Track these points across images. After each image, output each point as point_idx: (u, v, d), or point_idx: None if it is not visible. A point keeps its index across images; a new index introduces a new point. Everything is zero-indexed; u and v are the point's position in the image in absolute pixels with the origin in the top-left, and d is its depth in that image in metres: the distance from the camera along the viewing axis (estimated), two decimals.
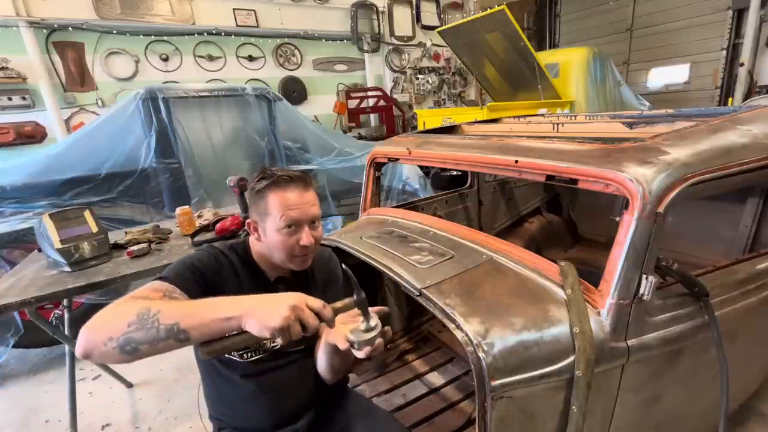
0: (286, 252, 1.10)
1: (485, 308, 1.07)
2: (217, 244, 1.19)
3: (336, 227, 3.82)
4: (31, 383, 2.64)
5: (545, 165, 1.25)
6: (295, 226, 1.09)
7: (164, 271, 1.05)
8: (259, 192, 1.11)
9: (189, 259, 1.10)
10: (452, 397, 1.95)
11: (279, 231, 1.08)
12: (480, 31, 4.70)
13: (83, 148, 2.93)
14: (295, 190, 1.10)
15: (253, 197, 1.14)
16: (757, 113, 1.47)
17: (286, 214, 1.07)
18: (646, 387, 1.18)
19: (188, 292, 0.99)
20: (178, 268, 1.06)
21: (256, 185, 1.12)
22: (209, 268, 1.09)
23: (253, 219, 1.14)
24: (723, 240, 2.31)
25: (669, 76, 7.23)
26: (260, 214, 1.11)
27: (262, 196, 1.10)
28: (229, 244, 1.22)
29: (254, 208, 1.14)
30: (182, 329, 0.79)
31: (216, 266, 1.12)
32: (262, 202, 1.10)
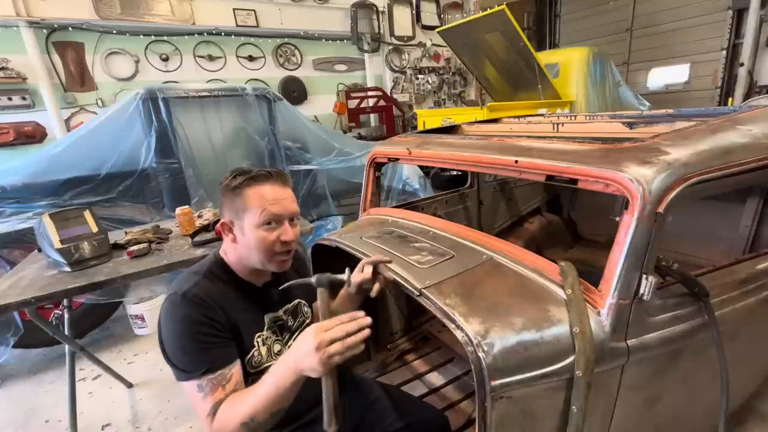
0: (266, 251, 1.05)
1: (485, 308, 1.07)
2: (186, 291, 1.01)
3: (336, 227, 3.82)
4: (31, 383, 2.65)
5: (545, 165, 1.25)
6: (275, 222, 1.05)
7: (185, 364, 0.96)
8: (235, 188, 1.05)
9: (188, 335, 0.97)
10: (452, 397, 1.95)
11: (259, 227, 1.04)
12: (480, 31, 4.70)
13: (83, 148, 2.92)
14: (275, 185, 1.07)
15: (227, 195, 1.07)
16: (757, 113, 1.47)
17: (266, 209, 1.03)
18: (647, 387, 1.18)
19: (227, 352, 1.00)
20: (194, 353, 0.96)
21: (232, 182, 1.06)
22: (209, 319, 1.00)
23: (228, 219, 1.08)
24: (723, 240, 2.31)
25: (669, 76, 7.23)
26: (237, 211, 1.06)
27: (239, 193, 1.05)
28: (201, 274, 1.07)
29: (229, 207, 1.07)
30: (275, 412, 0.93)
31: (209, 311, 1.01)
32: (238, 199, 1.05)
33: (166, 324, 1.00)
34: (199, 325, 0.98)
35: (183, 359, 0.97)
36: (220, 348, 0.99)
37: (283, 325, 1.21)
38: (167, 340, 0.99)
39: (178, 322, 0.98)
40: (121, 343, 3.04)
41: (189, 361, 0.97)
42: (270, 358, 1.14)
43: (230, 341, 1.03)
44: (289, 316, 1.24)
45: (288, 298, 1.25)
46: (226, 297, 1.07)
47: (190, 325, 0.98)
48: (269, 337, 1.15)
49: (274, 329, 1.18)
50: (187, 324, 0.98)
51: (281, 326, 1.21)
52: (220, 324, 1.01)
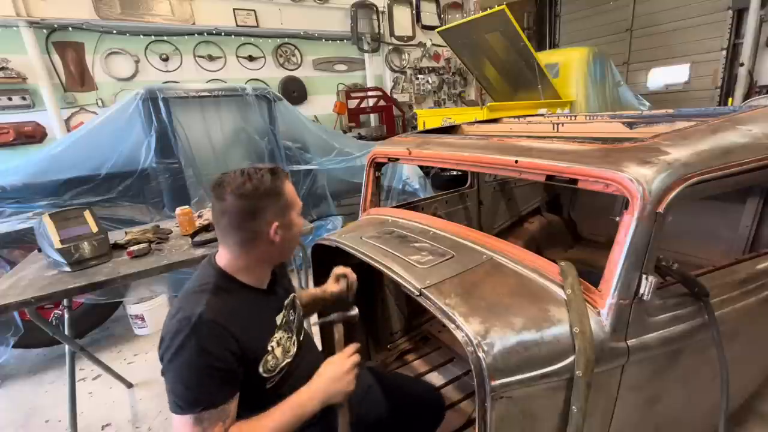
0: (299, 236, 1.15)
1: (485, 308, 1.07)
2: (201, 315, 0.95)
3: (336, 227, 3.82)
4: (31, 383, 2.65)
5: (545, 165, 1.25)
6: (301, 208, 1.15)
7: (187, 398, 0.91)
8: (278, 187, 1.05)
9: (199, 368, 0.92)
10: (452, 397, 1.95)
11: (299, 216, 1.12)
12: (480, 31, 4.70)
13: (83, 148, 2.92)
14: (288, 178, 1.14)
15: (268, 199, 1.03)
16: (757, 113, 1.47)
17: (298, 200, 1.12)
18: (646, 387, 1.18)
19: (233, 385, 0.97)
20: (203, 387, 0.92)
21: (273, 182, 1.04)
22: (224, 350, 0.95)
23: (278, 221, 1.05)
24: (723, 240, 2.31)
25: (669, 76, 7.23)
26: (282, 210, 1.06)
27: (279, 191, 1.06)
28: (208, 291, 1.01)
29: (273, 210, 1.04)
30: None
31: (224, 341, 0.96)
32: (281, 198, 1.06)
33: (178, 353, 0.92)
34: (215, 360, 0.93)
35: (186, 393, 0.92)
36: (227, 382, 0.96)
37: (289, 321, 1.21)
38: (175, 368, 0.93)
39: (192, 356, 0.91)
40: (121, 343, 3.04)
41: (194, 395, 0.92)
42: (286, 358, 1.12)
43: (237, 370, 0.98)
44: (290, 310, 1.24)
45: (287, 293, 1.25)
46: (236, 312, 1.02)
47: (205, 358, 0.92)
48: (282, 336, 1.14)
49: (285, 327, 1.17)
50: (203, 358, 0.92)
51: (289, 322, 1.21)
52: (232, 354, 0.96)
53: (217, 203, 1.04)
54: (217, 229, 1.07)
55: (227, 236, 1.06)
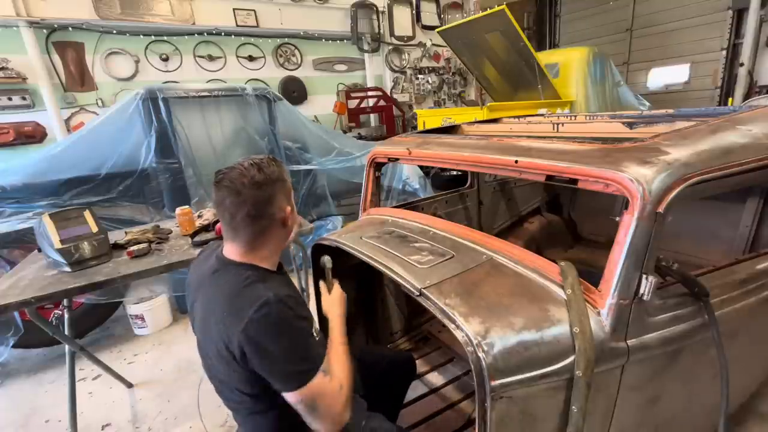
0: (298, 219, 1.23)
1: (485, 308, 1.07)
2: (275, 296, 0.99)
3: (336, 227, 3.82)
4: (31, 383, 2.65)
5: (545, 165, 1.25)
6: None
7: (311, 361, 1.01)
8: (281, 174, 1.11)
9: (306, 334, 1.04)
10: (452, 397, 1.95)
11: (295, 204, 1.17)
12: (480, 31, 4.70)
13: (83, 148, 2.92)
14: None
15: (281, 184, 1.11)
16: (757, 113, 1.47)
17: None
18: (647, 387, 1.18)
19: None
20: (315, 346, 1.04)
21: (280, 169, 1.12)
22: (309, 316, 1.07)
23: (289, 206, 1.14)
24: (723, 240, 2.31)
25: (669, 76, 7.24)
26: (288, 193, 1.14)
27: (285, 177, 1.13)
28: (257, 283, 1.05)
29: (283, 196, 1.12)
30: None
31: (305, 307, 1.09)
32: (286, 183, 1.13)
33: (277, 332, 0.96)
34: (307, 322, 1.04)
35: (306, 357, 1.00)
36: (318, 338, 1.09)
37: None
38: (283, 346, 0.97)
39: (292, 326, 0.99)
40: (121, 343, 3.04)
41: (312, 355, 1.02)
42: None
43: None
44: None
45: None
46: (283, 290, 1.07)
47: (301, 322, 1.02)
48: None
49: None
50: (299, 323, 1.01)
51: None
52: (310, 317, 1.07)
53: (229, 198, 1.04)
54: (229, 225, 1.08)
55: (244, 229, 1.07)
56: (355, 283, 2.05)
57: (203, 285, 1.14)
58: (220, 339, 1.01)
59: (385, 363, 1.58)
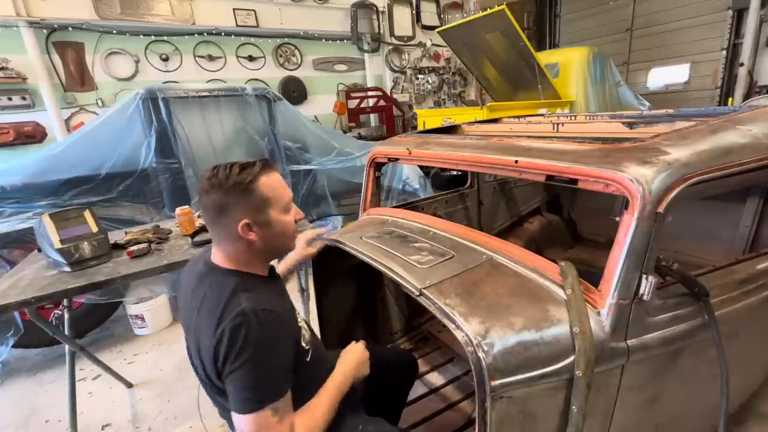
0: (290, 233, 1.12)
1: (485, 308, 1.07)
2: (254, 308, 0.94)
3: (336, 227, 3.82)
4: (31, 383, 2.65)
5: (545, 165, 1.25)
6: (290, 204, 1.12)
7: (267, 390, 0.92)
8: (250, 184, 1.00)
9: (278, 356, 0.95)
10: (452, 397, 1.95)
11: (282, 213, 1.08)
12: (480, 31, 4.70)
13: (83, 148, 2.92)
14: (275, 171, 1.09)
15: (238, 194, 1.00)
16: (757, 113, 1.47)
17: (285, 195, 1.09)
18: (646, 387, 1.18)
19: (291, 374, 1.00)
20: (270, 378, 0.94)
21: (240, 178, 0.99)
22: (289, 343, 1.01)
23: (248, 219, 1.01)
24: (723, 240, 2.31)
25: (669, 76, 7.24)
26: (257, 207, 1.02)
27: (254, 189, 1.00)
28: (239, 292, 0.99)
29: (244, 207, 1.01)
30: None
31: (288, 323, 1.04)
32: (255, 195, 1.01)
33: (244, 349, 0.90)
34: (280, 344, 0.96)
35: (262, 385, 0.92)
36: (290, 366, 0.99)
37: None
38: (246, 364, 0.90)
39: (260, 346, 0.92)
40: (121, 343, 3.04)
41: (270, 384, 0.92)
42: (307, 330, 1.19)
43: (292, 351, 1.02)
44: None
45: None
46: (269, 298, 1.03)
47: (273, 344, 0.94)
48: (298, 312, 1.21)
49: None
50: (270, 345, 0.93)
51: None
52: (289, 335, 1.02)
53: (201, 199, 1.05)
54: (209, 228, 1.08)
55: (217, 233, 1.06)
56: (355, 283, 2.05)
57: (189, 288, 1.12)
58: (195, 344, 1.02)
59: (386, 363, 1.54)
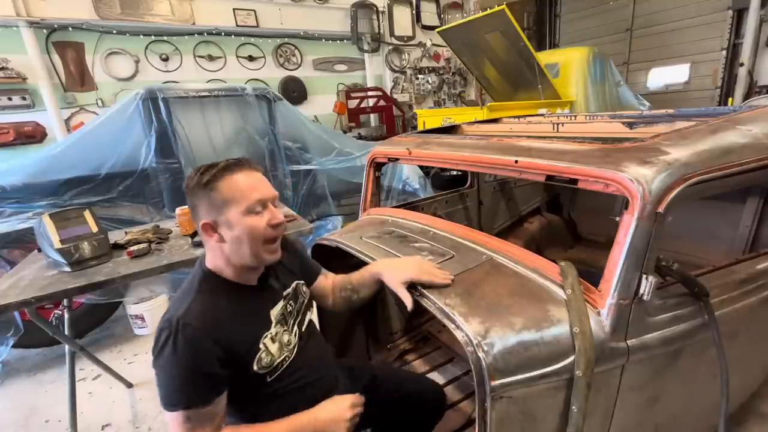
0: (257, 239, 1.01)
1: (485, 308, 1.07)
2: (181, 319, 0.94)
3: (336, 227, 3.82)
4: (31, 383, 2.65)
5: (545, 165, 1.25)
6: (261, 206, 1.02)
7: (174, 397, 0.92)
8: (209, 183, 0.99)
9: (183, 372, 0.93)
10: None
11: (247, 215, 1.00)
12: (480, 31, 4.70)
13: (83, 148, 2.92)
14: (246, 171, 1.03)
15: (200, 194, 1.00)
16: (757, 113, 1.47)
17: (251, 196, 1.00)
18: (647, 387, 1.18)
19: (218, 392, 0.97)
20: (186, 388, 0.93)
21: (202, 178, 1.00)
22: (207, 357, 0.95)
23: (209, 219, 1.00)
24: (723, 240, 2.31)
25: (669, 76, 7.24)
26: (217, 207, 0.99)
27: (214, 187, 0.99)
28: (193, 292, 1.02)
29: (206, 206, 1.00)
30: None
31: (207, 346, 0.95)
32: (215, 194, 0.99)
33: (161, 353, 0.93)
34: (193, 364, 0.93)
35: (169, 392, 0.93)
36: (209, 386, 0.95)
37: (288, 312, 1.19)
38: (159, 367, 0.94)
39: (171, 358, 0.92)
40: (121, 343, 3.04)
41: (176, 394, 0.93)
42: (283, 352, 1.11)
43: (220, 373, 0.97)
44: (290, 301, 1.21)
45: (285, 283, 1.23)
46: (220, 313, 1.01)
47: (183, 362, 0.92)
48: (278, 332, 1.12)
49: (282, 320, 1.15)
50: (181, 361, 0.92)
51: (287, 314, 1.18)
52: (213, 357, 0.95)
53: None
54: None
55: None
56: None
57: None
58: None
59: (406, 392, 1.38)
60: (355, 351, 2.11)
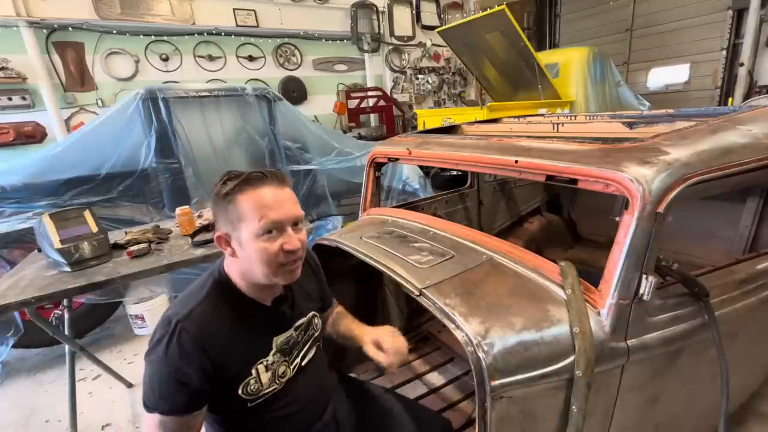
0: (269, 263, 0.94)
1: (485, 308, 1.07)
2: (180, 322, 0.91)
3: (336, 227, 3.82)
4: (31, 383, 2.64)
5: (545, 165, 1.25)
6: (276, 229, 0.93)
7: (153, 399, 0.89)
8: (227, 195, 0.93)
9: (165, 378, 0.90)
10: (452, 397, 1.95)
11: (258, 237, 0.92)
12: (480, 31, 4.70)
13: (83, 148, 2.92)
14: (270, 187, 0.95)
15: (219, 204, 0.95)
16: (757, 113, 1.47)
17: (265, 216, 0.92)
18: (646, 387, 1.18)
19: (197, 407, 0.93)
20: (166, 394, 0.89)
21: (222, 189, 0.94)
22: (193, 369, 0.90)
23: (224, 231, 0.96)
24: (723, 240, 2.31)
25: (669, 76, 7.23)
26: (232, 222, 0.94)
27: (231, 200, 0.93)
28: (201, 297, 0.98)
29: (223, 218, 0.96)
30: None
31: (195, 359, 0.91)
32: (232, 207, 0.93)
33: (151, 351, 0.92)
34: (178, 373, 0.89)
35: (150, 393, 0.91)
36: (190, 398, 0.92)
37: (293, 343, 1.12)
38: (146, 365, 0.92)
39: (160, 360, 0.90)
40: (121, 343, 3.04)
41: (156, 398, 0.90)
42: (273, 383, 1.04)
43: (203, 387, 0.92)
44: (300, 332, 1.14)
45: (302, 313, 1.16)
46: (221, 326, 0.97)
47: (169, 368, 0.89)
48: (276, 361, 1.05)
49: (284, 350, 1.08)
50: (167, 367, 0.89)
51: (292, 345, 1.11)
52: (200, 370, 0.91)
53: None
54: None
55: None
56: (355, 283, 2.05)
57: None
58: None
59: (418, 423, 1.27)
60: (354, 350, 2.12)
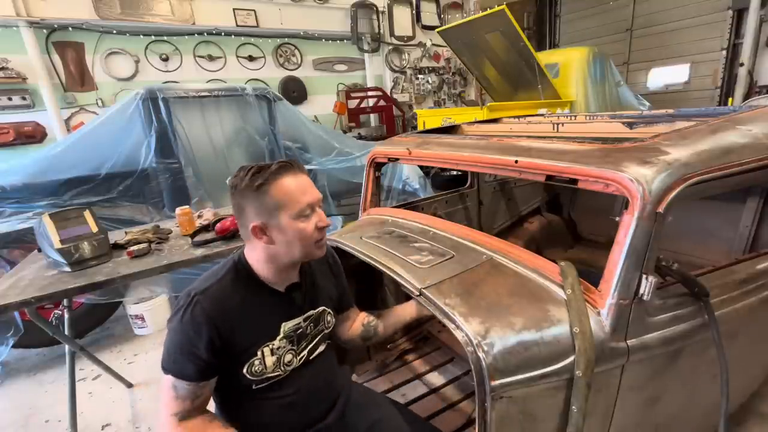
0: (308, 240, 1.06)
1: (485, 308, 1.07)
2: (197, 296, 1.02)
3: (336, 227, 3.82)
4: (31, 383, 2.64)
5: (545, 165, 1.25)
6: (310, 209, 1.06)
7: (170, 362, 1.00)
8: (261, 186, 1.00)
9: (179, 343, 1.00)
10: (452, 397, 1.95)
11: (298, 219, 1.04)
12: (480, 31, 4.70)
13: (83, 148, 2.92)
14: (297, 174, 1.06)
15: (251, 196, 1.02)
16: (757, 113, 1.47)
17: (302, 200, 1.03)
18: (646, 387, 1.18)
19: (204, 377, 1.02)
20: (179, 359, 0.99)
21: (253, 181, 1.01)
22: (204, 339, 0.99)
23: (260, 222, 1.03)
24: (723, 240, 2.31)
25: (669, 76, 7.23)
26: (269, 210, 1.02)
27: (266, 191, 1.01)
28: (220, 275, 1.08)
29: (257, 209, 1.02)
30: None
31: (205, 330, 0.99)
32: (266, 198, 1.01)
33: (172, 318, 1.03)
34: (190, 342, 0.99)
35: (166, 356, 1.01)
36: (199, 368, 1.00)
37: (302, 333, 1.18)
38: (168, 329, 1.03)
39: (176, 327, 1.01)
40: (121, 343, 3.04)
41: (170, 362, 1.00)
42: (278, 369, 1.11)
43: (211, 361, 1.00)
44: (310, 323, 1.20)
45: (313, 304, 1.22)
46: (234, 305, 1.04)
47: (183, 336, 0.99)
48: (282, 347, 1.12)
49: (292, 338, 1.15)
50: (180, 335, 1.00)
51: (300, 334, 1.17)
52: (209, 344, 0.99)
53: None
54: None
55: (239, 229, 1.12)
56: (355, 283, 2.05)
57: None
58: None
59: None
60: (354, 351, 2.12)
